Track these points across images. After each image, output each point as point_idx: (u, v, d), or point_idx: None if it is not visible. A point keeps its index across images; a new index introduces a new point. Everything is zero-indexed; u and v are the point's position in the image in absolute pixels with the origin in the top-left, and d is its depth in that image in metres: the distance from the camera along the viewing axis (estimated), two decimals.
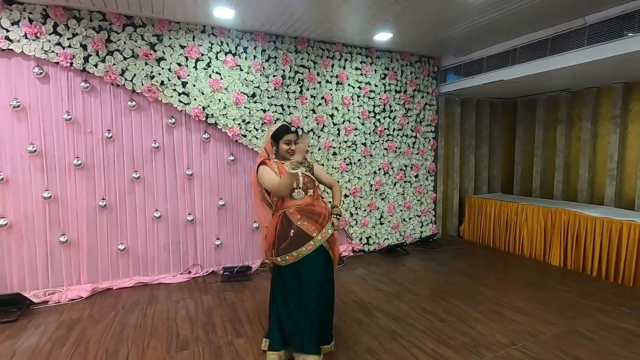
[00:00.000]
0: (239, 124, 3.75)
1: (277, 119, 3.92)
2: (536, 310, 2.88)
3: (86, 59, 3.17)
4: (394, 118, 4.64)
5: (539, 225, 4.26)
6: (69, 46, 3.11)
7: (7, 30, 2.94)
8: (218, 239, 3.86)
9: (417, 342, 2.42)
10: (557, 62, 3.49)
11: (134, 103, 3.40)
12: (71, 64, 3.13)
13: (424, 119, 4.87)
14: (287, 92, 3.97)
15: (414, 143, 4.82)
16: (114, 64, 3.26)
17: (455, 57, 4.68)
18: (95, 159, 3.34)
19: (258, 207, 2.39)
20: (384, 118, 4.56)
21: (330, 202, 2.40)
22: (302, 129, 4.06)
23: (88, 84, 3.24)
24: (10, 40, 2.95)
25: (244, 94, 3.76)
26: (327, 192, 4.00)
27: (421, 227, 4.98)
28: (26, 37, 2.99)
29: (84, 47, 3.16)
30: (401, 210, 4.80)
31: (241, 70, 3.73)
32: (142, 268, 3.59)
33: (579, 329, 2.57)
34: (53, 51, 3.07)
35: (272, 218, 2.26)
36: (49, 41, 3.05)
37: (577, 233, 3.87)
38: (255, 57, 3.78)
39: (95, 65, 3.20)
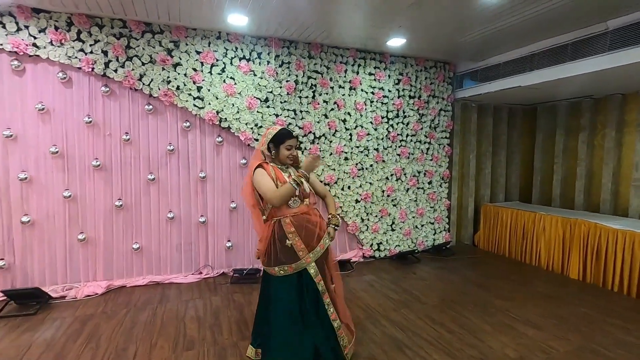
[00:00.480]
0: (251, 128, 3.81)
1: (289, 123, 3.96)
2: (550, 325, 2.78)
3: (107, 65, 3.30)
4: (408, 124, 4.59)
5: (557, 236, 4.11)
6: (91, 52, 3.25)
7: (35, 37, 3.10)
8: (229, 241, 3.91)
9: (423, 353, 2.37)
10: (577, 68, 3.38)
11: (150, 107, 3.51)
12: (93, 69, 3.27)
13: (438, 125, 4.80)
14: (300, 97, 4.00)
15: (427, 149, 4.76)
16: (133, 69, 3.38)
17: (472, 62, 4.60)
18: (113, 160, 3.46)
19: (256, 218, 2.21)
20: (397, 124, 4.52)
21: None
22: (313, 134, 4.08)
23: (108, 89, 3.37)
24: (37, 47, 3.11)
25: (257, 98, 3.82)
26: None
27: (434, 234, 4.89)
28: (52, 44, 3.14)
29: (105, 53, 3.29)
30: (413, 217, 4.73)
31: (255, 75, 3.79)
32: (155, 267, 3.68)
33: (595, 347, 2.46)
34: (76, 57, 3.21)
35: (266, 225, 2.12)
36: (73, 47, 3.20)
37: (597, 245, 3.71)
38: (268, 62, 3.84)
39: (115, 71, 3.33)
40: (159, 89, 3.48)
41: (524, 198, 5.63)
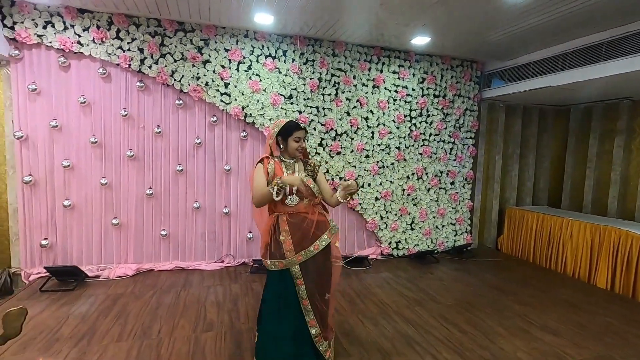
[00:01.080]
0: None
1: (312, 120, 4.04)
2: (569, 333, 2.70)
3: (142, 61, 3.52)
4: (431, 123, 4.55)
5: (586, 242, 3.95)
6: (129, 49, 3.48)
7: (79, 36, 3.36)
8: (250, 232, 4.06)
9: (432, 350, 2.39)
10: (611, 69, 3.23)
11: (181, 102, 3.71)
12: (129, 65, 3.49)
13: (463, 125, 4.72)
14: (323, 95, 4.08)
15: (451, 149, 4.70)
16: (166, 66, 3.58)
17: (500, 61, 4.48)
18: (145, 151, 3.69)
19: (256, 212, 2.20)
20: (420, 122, 4.50)
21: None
22: (335, 130, 4.14)
23: (143, 84, 3.59)
24: (81, 44, 3.37)
25: (281, 95, 3.93)
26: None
27: (455, 235, 4.83)
28: (94, 42, 3.39)
29: (141, 50, 3.51)
30: (434, 217, 4.69)
31: (279, 72, 3.90)
32: (180, 253, 3.89)
33: (614, 356, 2.38)
34: (115, 54, 3.45)
35: (269, 218, 2.11)
36: (112, 45, 3.43)
37: (628, 254, 3.54)
38: (293, 60, 3.93)
39: (150, 67, 3.54)
40: (189, 85, 3.66)
41: (553, 203, 5.42)
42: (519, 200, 5.31)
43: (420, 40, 3.87)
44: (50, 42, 3.30)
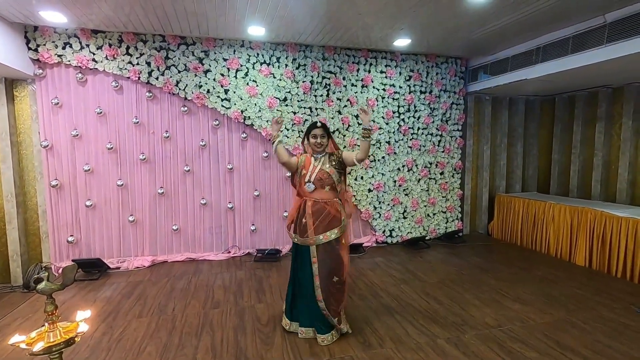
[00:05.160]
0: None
1: (306, 120, 4.39)
2: (538, 302, 3.00)
3: (150, 74, 3.92)
4: (419, 117, 4.85)
5: (566, 224, 4.22)
6: (137, 64, 3.88)
7: (94, 54, 3.77)
8: (253, 224, 4.44)
9: (410, 318, 2.73)
10: (578, 61, 3.50)
11: (185, 108, 4.10)
12: (139, 78, 3.89)
13: (450, 118, 5.01)
14: (315, 96, 4.42)
15: (439, 141, 4.99)
16: (171, 77, 3.97)
17: (483, 56, 4.75)
18: (155, 154, 4.10)
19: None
20: (409, 118, 4.80)
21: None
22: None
23: (151, 94, 3.99)
24: (96, 61, 3.78)
25: (277, 98, 4.28)
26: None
27: (446, 223, 5.13)
28: (107, 58, 3.80)
29: (148, 64, 3.91)
30: (425, 206, 5.00)
31: (274, 77, 4.26)
32: (190, 246, 4.30)
33: (573, 320, 2.68)
34: (126, 68, 3.86)
35: (298, 199, 2.53)
36: (123, 60, 3.84)
37: (602, 233, 3.81)
38: (286, 65, 4.29)
39: (157, 78, 3.94)
40: (193, 93, 4.05)
41: (542, 189, 5.66)
42: (509, 188, 5.57)
43: (402, 42, 4.18)
44: (69, 61, 3.72)
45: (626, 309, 2.84)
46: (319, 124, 2.47)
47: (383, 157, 4.75)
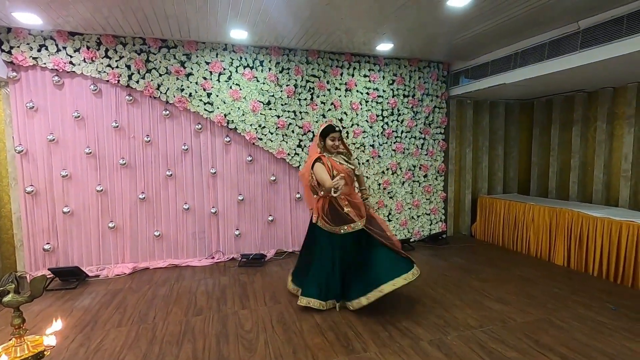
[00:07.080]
0: (255, 129, 4.27)
1: (290, 123, 4.38)
2: (518, 302, 3.06)
3: (130, 77, 3.85)
4: (402, 121, 4.91)
5: (545, 225, 4.32)
6: (117, 67, 3.80)
7: (71, 56, 3.68)
8: (237, 229, 4.40)
9: (393, 320, 2.74)
10: (553, 66, 3.60)
11: (167, 112, 4.03)
12: (118, 81, 3.82)
13: (433, 122, 5.08)
14: (299, 100, 4.42)
15: (422, 144, 5.05)
16: (152, 80, 3.91)
17: (464, 61, 4.85)
18: (136, 159, 4.01)
19: (307, 193, 3.10)
20: (392, 121, 4.85)
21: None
22: (312, 132, 4.48)
23: (131, 97, 3.91)
24: (73, 64, 3.69)
25: (260, 102, 4.26)
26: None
27: (430, 225, 5.19)
28: (85, 61, 3.72)
29: (128, 67, 3.84)
30: (409, 209, 5.05)
31: (258, 81, 4.24)
32: (173, 252, 4.22)
33: (552, 319, 2.74)
34: (104, 71, 3.77)
35: (318, 200, 2.93)
36: (102, 63, 3.76)
37: (579, 233, 3.92)
38: (270, 69, 4.28)
39: (137, 82, 3.87)
40: (174, 96, 3.99)
41: (523, 190, 5.80)
42: (491, 190, 5.68)
43: (384, 47, 4.23)
44: (45, 63, 3.62)
45: (603, 307, 2.93)
46: (337, 128, 2.91)
47: (367, 161, 4.78)
